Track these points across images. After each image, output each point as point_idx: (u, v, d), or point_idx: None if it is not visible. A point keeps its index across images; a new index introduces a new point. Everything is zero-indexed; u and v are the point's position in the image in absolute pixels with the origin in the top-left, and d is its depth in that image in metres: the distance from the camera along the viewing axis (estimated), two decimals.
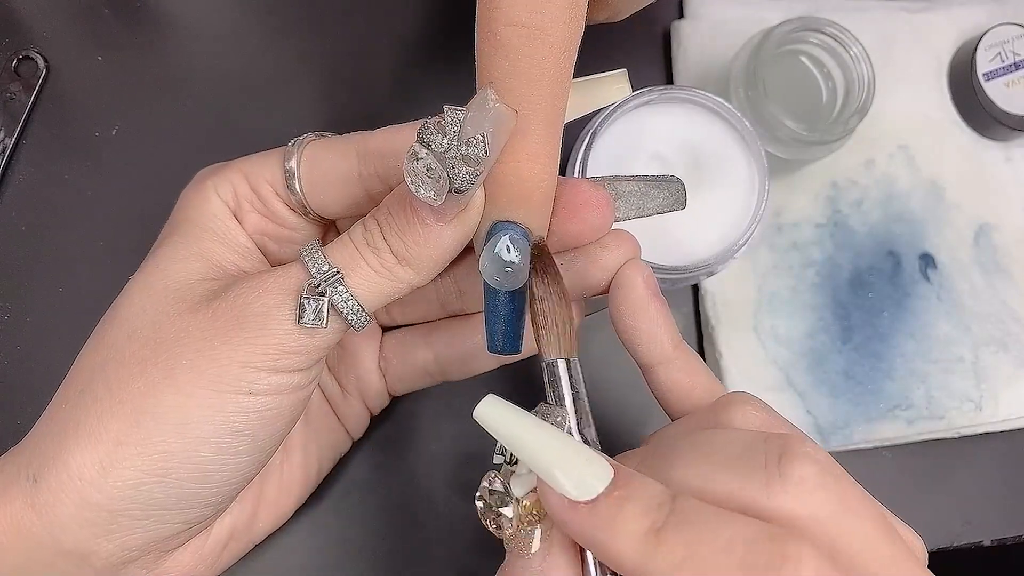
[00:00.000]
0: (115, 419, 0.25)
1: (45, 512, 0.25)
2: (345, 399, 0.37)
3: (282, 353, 0.26)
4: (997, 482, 0.44)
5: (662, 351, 0.28)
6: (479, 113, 0.23)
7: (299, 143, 0.30)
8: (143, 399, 0.26)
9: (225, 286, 0.28)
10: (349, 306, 0.26)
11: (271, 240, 0.31)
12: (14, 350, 0.40)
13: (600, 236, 0.29)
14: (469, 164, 0.23)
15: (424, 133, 0.23)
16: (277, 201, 0.30)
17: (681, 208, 0.31)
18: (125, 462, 0.25)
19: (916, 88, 0.46)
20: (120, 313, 0.28)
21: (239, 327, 0.26)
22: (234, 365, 0.26)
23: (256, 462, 0.28)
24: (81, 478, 0.25)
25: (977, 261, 0.44)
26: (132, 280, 0.29)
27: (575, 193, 0.28)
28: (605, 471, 0.23)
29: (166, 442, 0.25)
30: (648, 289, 0.29)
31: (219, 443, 0.26)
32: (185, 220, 0.30)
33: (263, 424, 0.27)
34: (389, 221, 0.26)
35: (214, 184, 0.30)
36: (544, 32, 0.24)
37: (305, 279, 0.26)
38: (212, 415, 0.26)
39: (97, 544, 0.26)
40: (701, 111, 0.36)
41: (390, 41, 0.45)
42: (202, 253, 0.29)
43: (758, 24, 0.42)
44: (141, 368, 0.26)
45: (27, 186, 0.41)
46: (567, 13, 0.24)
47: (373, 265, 0.26)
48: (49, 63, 0.43)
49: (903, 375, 0.43)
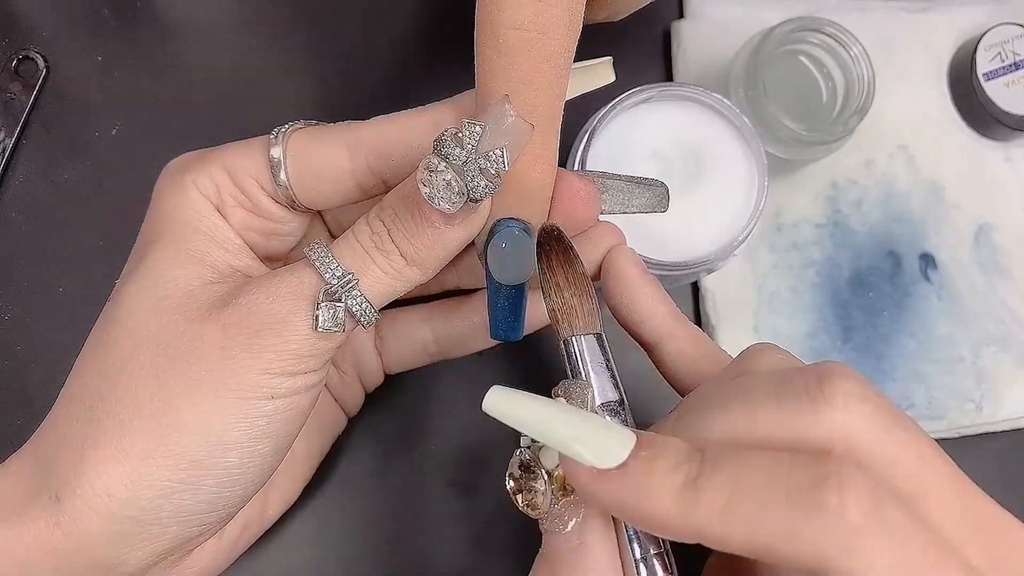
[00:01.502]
0: (139, 433, 0.25)
1: (72, 529, 0.25)
2: (342, 381, 0.37)
3: (299, 358, 0.26)
4: (997, 482, 0.43)
5: (664, 325, 0.28)
6: (496, 126, 0.24)
7: (283, 132, 0.29)
8: (165, 411, 0.25)
9: (231, 291, 0.27)
10: (363, 308, 0.27)
11: (257, 234, 0.30)
12: (14, 350, 0.40)
13: (586, 227, 0.29)
14: (487, 177, 0.24)
15: (442, 146, 0.24)
16: (262, 195, 0.29)
17: (663, 211, 0.31)
18: (154, 474, 0.25)
19: (916, 88, 0.46)
20: (120, 322, 0.27)
21: (256, 335, 0.26)
22: (253, 373, 0.26)
23: (278, 460, 0.28)
24: (110, 495, 0.25)
25: (977, 261, 0.44)
26: (124, 285, 0.28)
27: (564, 186, 0.28)
28: (627, 437, 0.22)
29: (193, 452, 0.25)
30: (637, 267, 0.29)
31: (244, 447, 0.26)
32: (169, 220, 0.29)
33: (284, 424, 0.27)
34: (396, 223, 0.26)
35: (193, 180, 0.29)
36: (547, 35, 0.24)
37: (319, 284, 0.26)
38: (237, 422, 0.26)
39: (127, 554, 0.26)
40: (700, 108, 0.36)
41: (389, 40, 0.45)
42: (197, 255, 0.28)
43: (758, 24, 0.42)
44: (158, 380, 0.26)
45: (27, 186, 0.41)
46: (568, 15, 0.24)
47: (383, 267, 0.27)
48: (49, 63, 0.43)
49: (903, 375, 0.43)
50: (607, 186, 0.30)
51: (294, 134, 0.29)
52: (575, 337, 0.27)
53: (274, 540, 0.38)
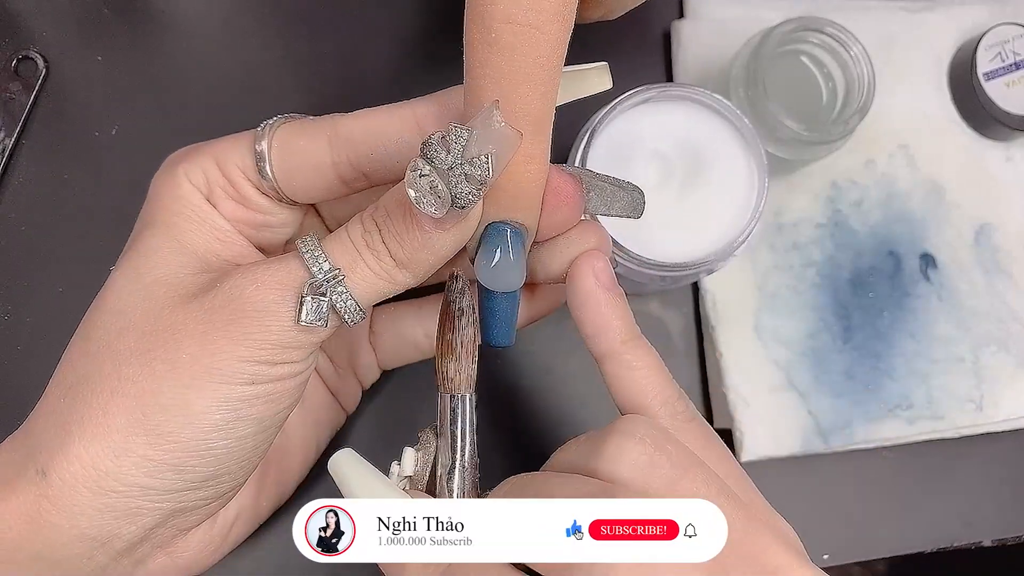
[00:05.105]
0: (122, 412, 0.26)
1: (60, 502, 0.25)
2: (339, 376, 0.37)
3: (280, 348, 0.26)
4: (997, 482, 0.44)
5: (608, 345, 0.28)
6: (484, 132, 0.24)
7: (269, 126, 0.29)
8: (147, 392, 0.26)
9: (218, 277, 0.28)
10: (348, 305, 0.27)
11: (247, 226, 0.30)
12: (14, 350, 0.40)
13: (567, 228, 0.29)
14: (472, 183, 0.23)
15: (428, 149, 0.23)
16: (248, 186, 0.30)
17: (637, 217, 0.31)
18: (137, 451, 0.26)
19: (916, 88, 0.46)
20: (109, 306, 0.28)
21: (237, 321, 0.26)
22: (233, 359, 0.26)
23: (265, 441, 0.28)
24: (95, 468, 0.25)
25: (977, 261, 0.44)
26: (116, 272, 0.29)
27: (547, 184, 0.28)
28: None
29: (174, 432, 0.26)
30: (597, 280, 0.29)
31: (226, 429, 0.26)
32: (161, 209, 0.29)
33: (268, 406, 0.27)
34: (388, 224, 0.26)
35: (185, 170, 0.29)
36: (539, 30, 0.24)
37: (305, 277, 0.26)
38: (217, 405, 0.26)
39: (119, 527, 0.26)
40: (700, 108, 0.36)
41: (388, 39, 0.45)
42: (186, 243, 0.29)
43: (758, 24, 0.42)
44: (141, 361, 0.26)
45: (27, 186, 0.41)
46: (561, 10, 0.24)
47: (372, 267, 0.26)
48: (49, 63, 0.43)
49: (904, 375, 0.43)
50: (592, 185, 0.30)
51: (280, 127, 0.29)
52: (440, 394, 0.30)
53: (275, 540, 0.38)
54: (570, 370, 0.42)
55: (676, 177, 0.36)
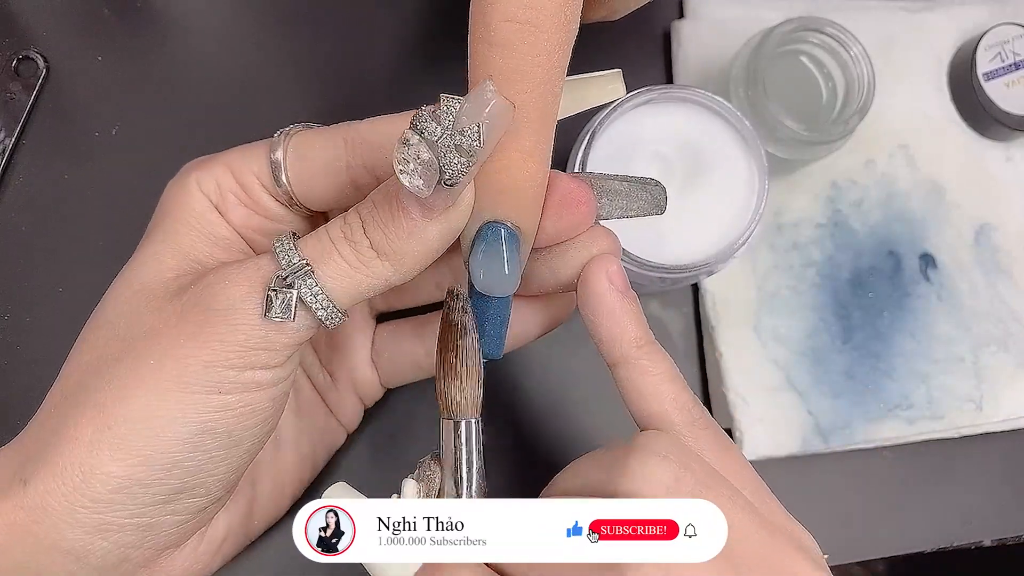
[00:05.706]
0: (89, 423, 0.25)
1: (35, 513, 0.25)
2: (336, 391, 0.36)
3: (248, 349, 0.25)
4: (997, 482, 0.44)
5: (623, 350, 0.28)
6: (476, 104, 0.23)
7: (285, 134, 0.29)
8: (114, 401, 0.25)
9: (196, 278, 0.27)
10: (319, 300, 0.25)
11: (258, 233, 0.30)
12: (14, 350, 0.40)
13: (579, 233, 0.29)
14: (461, 154, 0.23)
15: (418, 120, 0.23)
16: (263, 193, 0.30)
17: (660, 212, 0.30)
18: (102, 467, 0.25)
19: (916, 88, 0.46)
20: (100, 315, 0.28)
21: (205, 322, 0.25)
22: (199, 365, 0.25)
23: (239, 458, 0.27)
24: (65, 481, 0.25)
25: (977, 261, 0.44)
26: (114, 281, 0.29)
27: (556, 189, 0.27)
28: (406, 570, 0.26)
29: (139, 447, 0.25)
30: (610, 285, 0.28)
31: (194, 443, 0.26)
32: (165, 216, 0.29)
33: (238, 421, 0.26)
34: (372, 214, 0.26)
35: (197, 178, 0.29)
36: (540, 28, 0.24)
37: (275, 271, 0.26)
38: (182, 416, 0.25)
39: (91, 542, 0.26)
40: (701, 110, 0.36)
41: (389, 40, 0.45)
42: (178, 248, 0.29)
43: (758, 24, 0.42)
44: (114, 369, 0.26)
45: (27, 186, 0.41)
46: (563, 10, 0.24)
47: (348, 258, 0.26)
48: (49, 63, 0.43)
49: (904, 375, 0.43)
50: (605, 189, 0.29)
51: (296, 134, 0.30)
52: (441, 420, 0.28)
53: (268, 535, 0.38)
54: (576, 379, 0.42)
55: (676, 179, 0.36)
